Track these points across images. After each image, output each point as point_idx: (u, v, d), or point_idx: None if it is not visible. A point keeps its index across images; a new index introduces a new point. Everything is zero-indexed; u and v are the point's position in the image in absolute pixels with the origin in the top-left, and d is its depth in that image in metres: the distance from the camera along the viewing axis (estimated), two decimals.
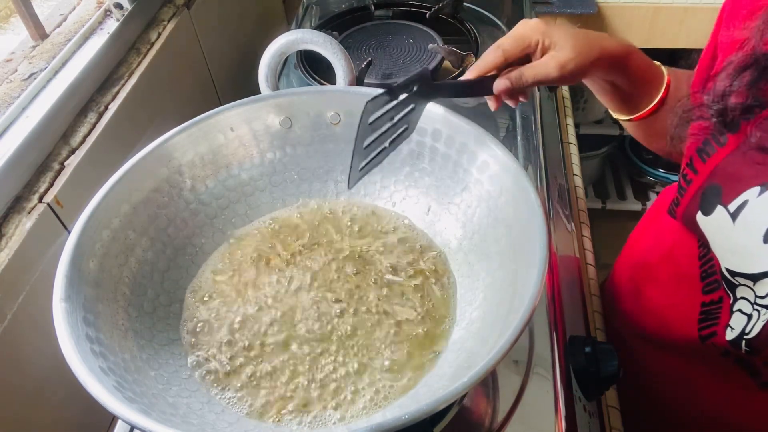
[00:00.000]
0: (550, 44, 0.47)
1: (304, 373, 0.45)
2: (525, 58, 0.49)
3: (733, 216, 0.43)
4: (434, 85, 0.47)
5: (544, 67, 0.47)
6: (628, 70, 0.51)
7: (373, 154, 0.47)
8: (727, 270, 0.46)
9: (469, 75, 0.48)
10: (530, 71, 0.47)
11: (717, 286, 0.48)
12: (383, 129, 0.45)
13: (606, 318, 0.66)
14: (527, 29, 0.48)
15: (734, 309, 0.46)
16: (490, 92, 0.48)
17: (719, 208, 0.45)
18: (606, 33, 0.50)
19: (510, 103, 0.50)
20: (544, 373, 0.50)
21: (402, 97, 0.45)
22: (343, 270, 0.51)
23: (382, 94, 0.43)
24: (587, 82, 0.53)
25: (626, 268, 0.65)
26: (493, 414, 0.48)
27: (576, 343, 0.54)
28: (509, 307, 0.40)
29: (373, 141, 0.45)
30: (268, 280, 0.51)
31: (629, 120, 0.56)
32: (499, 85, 0.47)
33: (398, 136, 0.47)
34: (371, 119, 0.43)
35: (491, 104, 0.51)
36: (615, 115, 0.58)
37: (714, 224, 0.46)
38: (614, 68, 0.50)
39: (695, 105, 0.45)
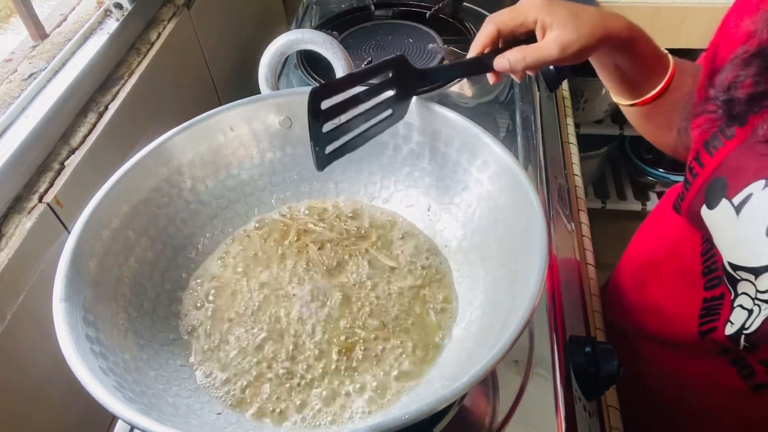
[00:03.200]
0: (551, 22, 0.45)
1: (305, 373, 0.45)
2: (522, 35, 0.47)
3: (737, 209, 0.43)
4: (418, 71, 0.46)
5: (545, 49, 0.46)
6: (632, 54, 0.49)
7: (347, 137, 0.46)
8: (729, 264, 0.45)
9: (469, 55, 0.48)
10: (532, 54, 0.46)
11: (718, 282, 0.48)
12: (357, 112, 0.44)
13: (606, 316, 0.66)
14: (526, 4, 0.47)
15: (735, 305, 0.46)
16: (489, 69, 0.48)
17: (723, 202, 0.44)
18: (613, 12, 0.49)
19: (515, 77, 0.49)
20: (544, 373, 0.50)
21: (373, 81, 0.44)
22: (341, 269, 0.51)
23: (333, 83, 0.43)
24: (591, 58, 0.51)
25: (630, 266, 0.65)
26: (493, 414, 0.48)
27: (576, 343, 0.54)
28: (509, 307, 0.40)
29: (345, 123, 0.45)
30: (268, 281, 0.51)
31: (629, 105, 0.55)
32: (499, 64, 0.47)
33: (381, 121, 0.47)
34: (327, 105, 0.43)
35: (490, 79, 0.50)
36: (615, 98, 0.56)
37: (718, 218, 0.45)
38: (618, 51, 0.49)
39: (702, 98, 0.44)
